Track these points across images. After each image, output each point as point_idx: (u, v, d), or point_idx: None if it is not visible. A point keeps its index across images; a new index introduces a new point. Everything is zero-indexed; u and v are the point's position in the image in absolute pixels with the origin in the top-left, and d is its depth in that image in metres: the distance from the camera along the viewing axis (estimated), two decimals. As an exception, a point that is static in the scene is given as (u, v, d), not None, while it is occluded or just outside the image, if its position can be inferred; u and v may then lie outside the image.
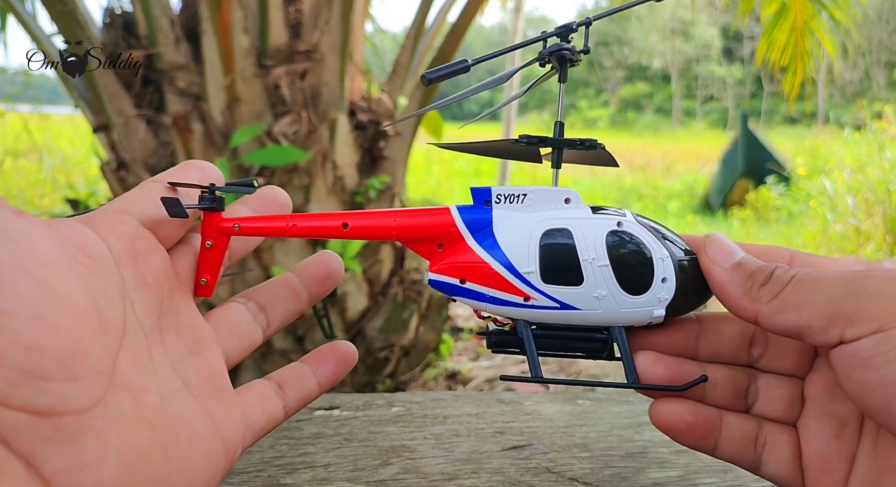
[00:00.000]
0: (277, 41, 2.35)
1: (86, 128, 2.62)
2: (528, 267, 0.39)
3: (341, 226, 0.40)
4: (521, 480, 0.52)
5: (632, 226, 0.40)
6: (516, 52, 0.43)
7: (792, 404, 0.42)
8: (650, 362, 0.41)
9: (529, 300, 0.39)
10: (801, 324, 0.36)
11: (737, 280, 0.38)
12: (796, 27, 3.11)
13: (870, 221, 5.50)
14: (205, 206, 0.39)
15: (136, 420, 0.30)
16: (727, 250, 0.40)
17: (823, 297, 0.35)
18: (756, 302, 0.37)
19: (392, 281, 2.61)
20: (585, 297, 0.39)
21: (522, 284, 0.39)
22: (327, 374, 0.42)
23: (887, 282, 0.34)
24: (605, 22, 34.93)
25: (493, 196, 0.40)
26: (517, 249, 0.39)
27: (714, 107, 32.09)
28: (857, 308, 0.34)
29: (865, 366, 0.33)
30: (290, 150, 2.24)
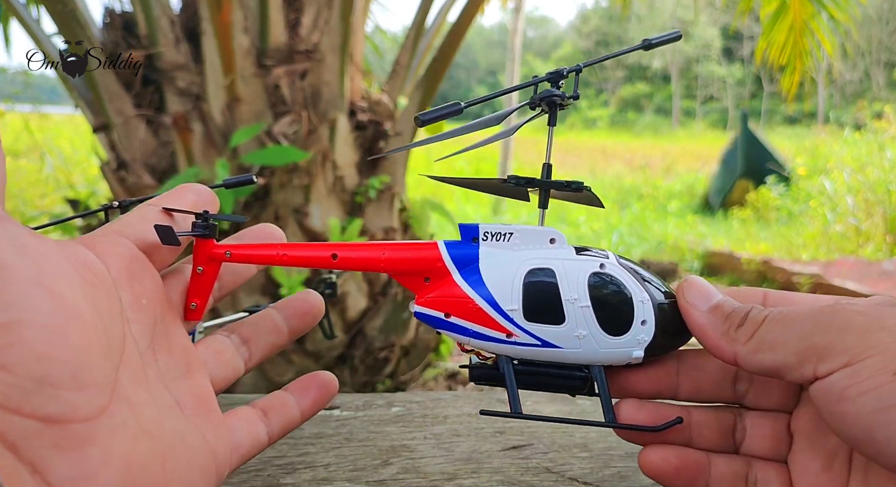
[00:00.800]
0: (277, 41, 2.35)
1: (86, 128, 2.62)
2: (512, 304, 0.40)
3: (330, 257, 0.41)
4: (521, 480, 0.52)
5: (614, 268, 0.41)
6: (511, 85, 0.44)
7: (780, 440, 0.42)
8: (632, 409, 0.42)
9: (512, 337, 0.40)
10: (776, 363, 0.36)
11: (715, 322, 0.39)
12: (795, 26, 3.11)
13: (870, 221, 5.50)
14: (197, 233, 0.40)
15: (137, 431, 0.31)
16: (704, 293, 0.40)
17: (795, 334, 0.36)
18: (734, 343, 0.38)
19: (392, 281, 2.61)
20: (566, 336, 0.40)
21: (505, 321, 0.40)
22: (309, 403, 0.43)
23: (853, 315, 0.35)
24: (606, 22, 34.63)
25: (480, 233, 0.41)
26: (502, 287, 0.40)
27: (714, 107, 32.10)
28: (827, 342, 0.35)
29: (840, 400, 0.34)
30: (290, 150, 2.24)
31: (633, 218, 7.53)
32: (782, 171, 7.80)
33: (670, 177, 10.83)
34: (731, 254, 5.38)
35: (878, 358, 0.33)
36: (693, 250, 5.75)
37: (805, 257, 5.43)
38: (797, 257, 5.43)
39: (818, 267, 4.80)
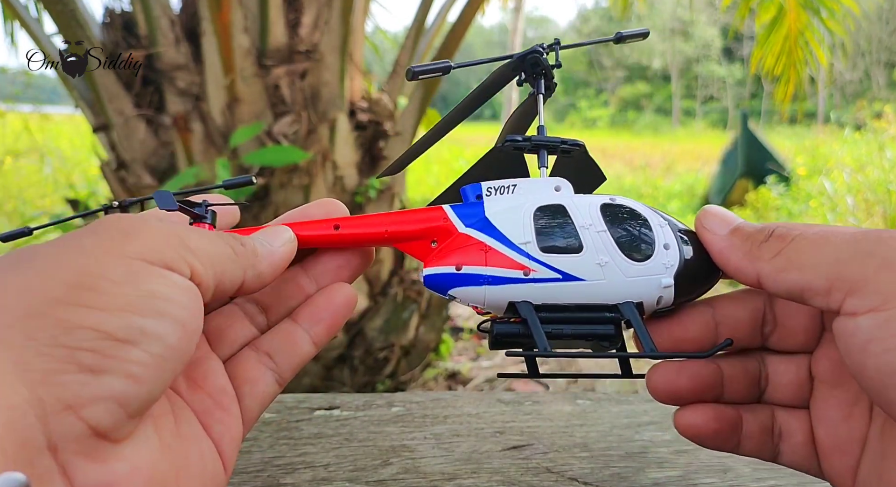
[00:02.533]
0: (277, 41, 2.35)
1: (86, 128, 2.62)
2: (525, 237, 0.38)
3: (333, 228, 0.39)
4: (521, 480, 0.52)
5: (626, 200, 0.40)
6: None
7: (801, 386, 0.41)
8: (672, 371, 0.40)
9: (530, 273, 0.37)
10: (802, 283, 0.34)
11: (736, 243, 0.37)
12: (791, 35, 3.12)
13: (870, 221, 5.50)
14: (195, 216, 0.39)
15: (159, 445, 0.31)
16: (723, 218, 0.39)
17: (829, 257, 0.33)
18: (758, 261, 0.36)
19: (392, 281, 2.61)
20: (587, 265, 0.38)
21: (520, 256, 0.38)
22: (322, 331, 0.40)
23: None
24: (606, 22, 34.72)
25: (483, 190, 0.40)
26: (511, 224, 0.38)
27: (714, 107, 32.10)
28: (863, 275, 0.32)
29: (863, 351, 0.32)
30: (290, 150, 2.24)
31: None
32: (782, 171, 7.79)
33: (670, 177, 10.83)
34: (731, 254, 5.37)
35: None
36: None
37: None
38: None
39: (818, 267, 4.79)
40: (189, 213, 0.39)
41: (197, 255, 0.32)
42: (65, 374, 0.26)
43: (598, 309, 0.38)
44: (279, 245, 0.38)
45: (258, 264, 0.36)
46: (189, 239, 0.33)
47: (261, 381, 0.39)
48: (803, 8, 3.08)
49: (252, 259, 0.36)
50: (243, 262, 0.35)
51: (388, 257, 2.60)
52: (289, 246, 0.38)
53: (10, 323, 0.26)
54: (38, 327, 0.26)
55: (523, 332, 0.38)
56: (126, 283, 0.29)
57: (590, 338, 0.39)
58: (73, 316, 0.27)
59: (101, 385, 0.27)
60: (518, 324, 0.38)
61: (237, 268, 0.35)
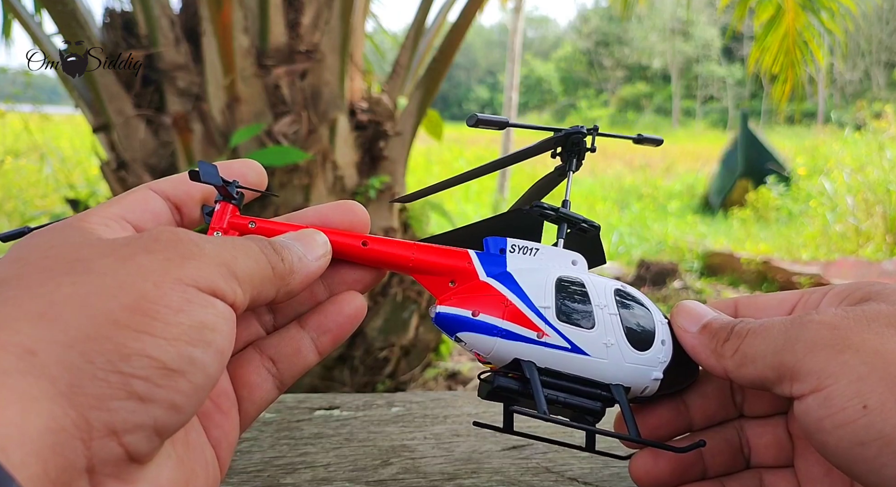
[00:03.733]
0: (277, 41, 2.35)
1: (86, 128, 2.62)
2: (545, 302, 0.39)
3: (360, 244, 0.40)
4: (521, 480, 0.52)
5: (632, 290, 0.42)
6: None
7: (782, 446, 0.42)
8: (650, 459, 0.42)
9: (543, 336, 0.38)
10: (758, 376, 0.36)
11: (704, 341, 0.39)
12: (789, 35, 3.12)
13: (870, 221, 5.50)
14: (224, 196, 0.38)
15: (176, 461, 0.32)
16: (694, 315, 0.41)
17: (769, 349, 0.36)
18: (722, 359, 0.38)
19: (392, 281, 2.61)
20: (595, 343, 0.39)
21: (538, 318, 0.39)
22: (328, 342, 0.40)
23: (820, 331, 0.34)
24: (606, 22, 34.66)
25: (507, 245, 0.41)
26: (534, 286, 0.39)
27: (714, 107, 32.10)
28: (795, 360, 0.34)
29: (819, 430, 0.33)
30: (290, 150, 2.24)
31: (633, 218, 7.53)
32: (782, 171, 7.80)
33: (670, 177, 10.83)
34: (730, 254, 5.38)
35: (845, 386, 0.32)
36: (693, 250, 5.75)
37: (805, 257, 5.42)
38: (797, 257, 5.43)
39: (818, 267, 4.80)
40: (224, 192, 0.38)
41: (241, 281, 0.32)
42: (116, 400, 0.26)
43: (592, 384, 0.40)
44: (314, 259, 0.37)
45: (292, 281, 0.36)
46: (236, 264, 0.32)
47: (261, 386, 0.39)
48: (802, 8, 3.09)
49: (288, 277, 0.36)
50: (279, 281, 0.35)
51: (388, 257, 2.60)
52: (324, 260, 0.38)
53: (69, 342, 0.26)
54: (96, 350, 0.26)
55: (522, 391, 0.39)
56: (181, 311, 0.29)
57: (577, 410, 0.40)
58: (131, 341, 0.27)
59: (148, 413, 0.27)
60: (518, 381, 0.39)
61: (272, 288, 0.35)
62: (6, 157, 6.47)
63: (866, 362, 0.32)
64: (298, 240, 0.37)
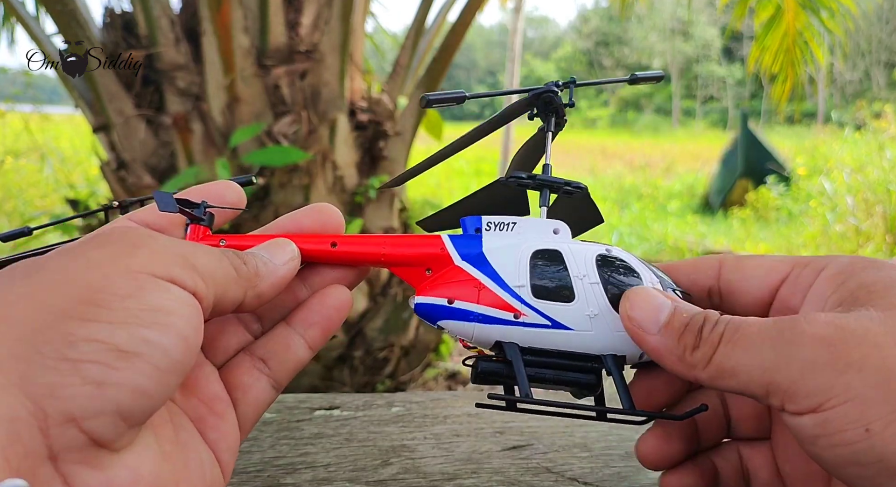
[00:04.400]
0: (277, 41, 2.35)
1: (86, 128, 2.62)
2: (519, 280, 0.38)
3: (330, 246, 0.39)
4: (521, 480, 0.52)
5: (621, 253, 0.40)
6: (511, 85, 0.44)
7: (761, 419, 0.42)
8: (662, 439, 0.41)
9: (520, 316, 0.38)
10: (741, 389, 0.34)
11: (669, 345, 0.36)
12: (789, 34, 3.13)
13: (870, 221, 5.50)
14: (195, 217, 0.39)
15: (160, 454, 0.32)
16: (649, 310, 0.37)
17: (756, 365, 0.33)
18: (693, 369, 0.35)
19: (392, 281, 2.61)
20: (577, 316, 0.38)
21: (513, 299, 0.38)
22: (318, 335, 0.40)
23: (815, 347, 0.32)
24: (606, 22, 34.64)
25: (483, 223, 0.40)
26: (507, 265, 0.38)
27: (714, 107, 32.11)
28: (791, 381, 0.32)
29: (813, 445, 0.33)
30: (290, 150, 2.24)
31: (633, 218, 7.53)
32: (782, 171, 7.80)
33: (670, 177, 10.83)
34: (731, 254, 5.37)
35: (849, 408, 0.31)
36: (693, 250, 5.75)
37: (805, 257, 5.41)
38: (797, 257, 5.41)
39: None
40: (187, 215, 0.38)
41: (200, 273, 0.32)
42: (70, 387, 0.26)
43: (581, 357, 0.39)
44: (281, 263, 0.37)
45: (259, 284, 0.36)
46: (194, 256, 0.33)
47: (255, 387, 0.39)
48: (802, 7, 3.09)
49: (254, 279, 0.36)
50: (244, 283, 0.35)
51: (388, 257, 2.60)
52: (291, 264, 0.38)
53: (18, 335, 0.27)
54: (44, 340, 0.27)
55: (506, 373, 0.38)
56: (131, 297, 0.29)
57: (570, 385, 0.39)
58: (78, 329, 0.27)
59: (106, 397, 0.27)
60: (502, 364, 0.38)
61: (238, 289, 0.35)
62: (6, 157, 6.47)
63: (869, 382, 0.31)
64: (263, 249, 0.38)
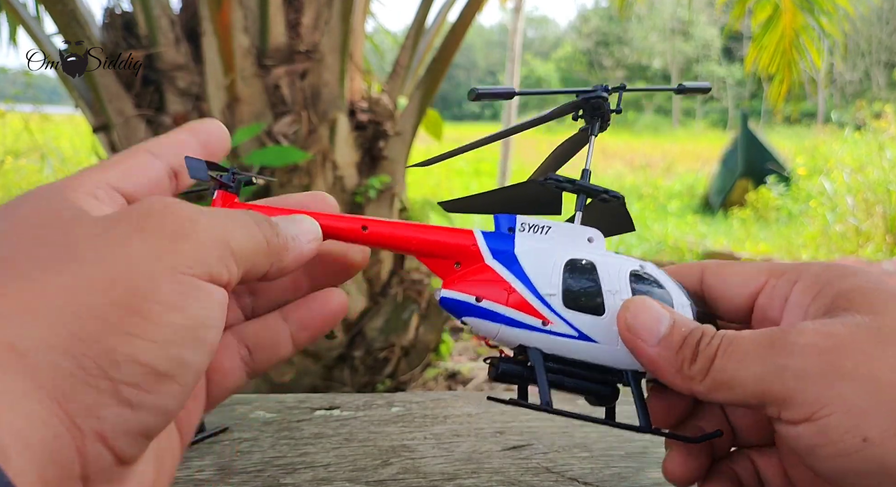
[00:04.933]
0: (277, 41, 2.35)
1: (86, 128, 2.62)
2: (551, 289, 0.38)
3: (360, 229, 0.38)
4: (521, 480, 0.52)
5: (654, 271, 0.40)
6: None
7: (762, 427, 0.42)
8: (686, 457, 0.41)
9: (547, 324, 0.37)
10: (737, 401, 0.35)
11: (667, 357, 0.36)
12: (786, 35, 3.13)
13: (870, 221, 5.50)
14: (224, 183, 0.38)
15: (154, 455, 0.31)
16: (649, 321, 0.37)
17: (749, 375, 0.34)
18: (690, 382, 0.36)
19: (392, 281, 2.61)
20: (605, 330, 0.38)
21: (542, 306, 0.37)
22: (306, 338, 0.39)
23: (807, 356, 0.33)
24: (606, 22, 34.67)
25: (517, 223, 0.40)
26: (539, 271, 0.38)
27: (714, 107, 32.09)
28: (785, 390, 0.33)
29: (810, 455, 0.33)
30: (290, 150, 2.24)
31: (634, 217, 7.50)
32: (782, 171, 7.80)
33: (670, 177, 10.83)
34: (730, 255, 5.38)
35: (843, 418, 0.31)
36: (693, 250, 5.75)
37: (805, 257, 5.42)
38: (797, 257, 5.43)
39: (818, 267, 4.79)
40: (216, 181, 0.38)
41: (236, 258, 0.31)
42: (106, 408, 0.26)
43: (602, 370, 0.39)
44: (306, 241, 0.36)
45: (285, 257, 0.35)
46: (233, 238, 0.31)
47: (234, 373, 0.38)
48: (799, 8, 3.09)
49: (282, 252, 0.34)
50: (273, 256, 0.34)
51: (388, 257, 2.60)
52: (314, 244, 0.37)
53: (57, 342, 0.25)
54: (86, 353, 0.25)
55: (526, 376, 0.38)
56: (175, 309, 0.28)
57: (588, 394, 0.39)
58: (122, 345, 0.26)
59: (137, 419, 0.26)
60: (522, 368, 0.38)
61: (266, 262, 0.34)
62: (6, 157, 6.47)
63: (863, 392, 0.31)
64: (291, 224, 0.36)
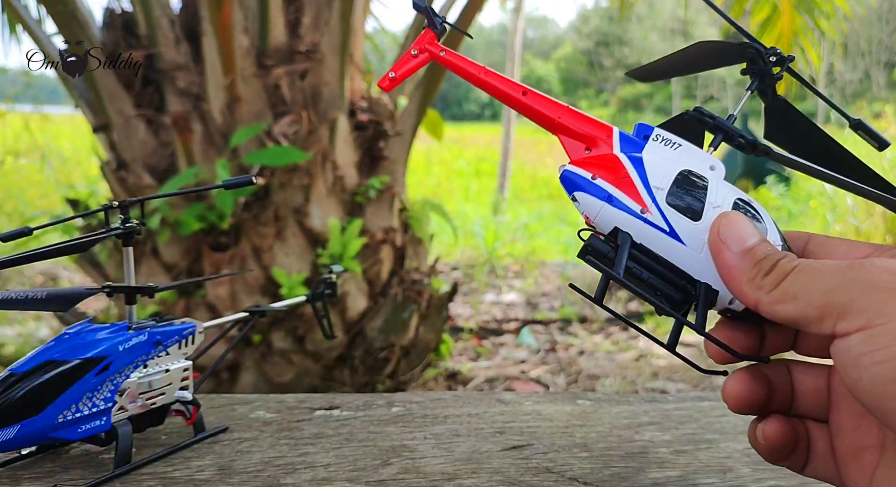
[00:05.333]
0: (277, 41, 2.35)
1: (86, 128, 2.62)
2: (661, 183, 0.41)
3: (521, 94, 0.44)
4: (521, 480, 0.52)
5: (760, 208, 0.42)
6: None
7: (821, 396, 0.42)
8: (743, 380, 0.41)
9: (646, 212, 0.40)
10: (797, 314, 0.36)
11: (744, 266, 0.38)
12: (784, 35, 3.13)
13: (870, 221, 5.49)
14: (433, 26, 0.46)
15: None
16: (741, 233, 0.39)
17: (819, 287, 0.35)
18: (758, 291, 0.37)
19: (392, 281, 2.60)
20: (695, 235, 0.40)
21: (647, 194, 0.40)
22: None
23: (881, 274, 0.34)
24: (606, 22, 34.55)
25: (653, 133, 0.43)
26: (657, 169, 0.41)
27: (714, 107, 32.08)
28: (849, 299, 0.34)
29: (856, 365, 0.33)
30: (290, 150, 2.24)
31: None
32: (782, 171, 7.79)
33: (670, 177, 10.80)
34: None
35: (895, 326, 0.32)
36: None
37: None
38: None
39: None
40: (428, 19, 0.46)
41: None
42: None
43: (680, 274, 0.41)
44: None
45: None
46: None
47: None
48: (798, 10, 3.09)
49: None
50: None
51: (388, 257, 2.60)
52: None
53: None
54: None
55: (611, 256, 0.41)
56: None
57: (658, 293, 0.41)
58: None
59: None
60: (610, 248, 0.41)
61: None
62: (6, 157, 6.47)
63: None
64: None
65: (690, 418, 0.66)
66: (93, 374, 0.50)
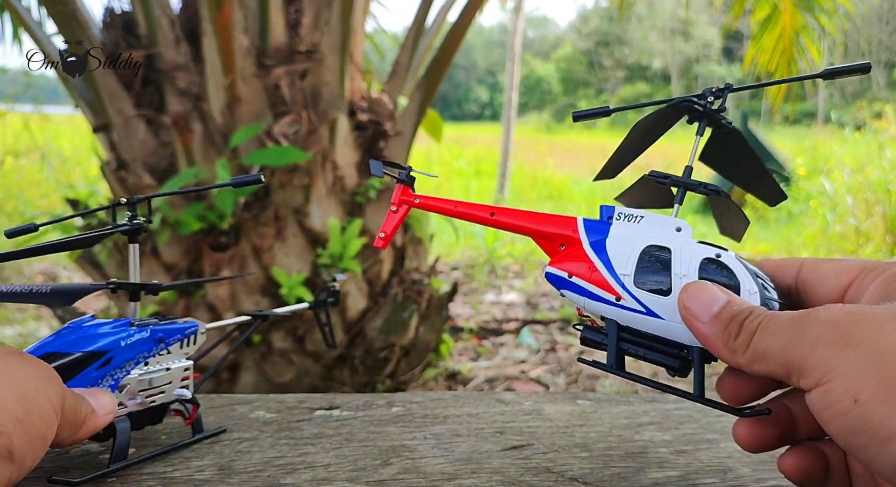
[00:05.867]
0: (277, 41, 2.35)
1: (86, 128, 2.62)
2: (625, 270, 0.44)
3: (489, 215, 0.49)
4: (521, 480, 0.52)
5: (730, 260, 0.43)
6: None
7: None
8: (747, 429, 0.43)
9: (620, 300, 0.44)
10: (771, 372, 0.38)
11: (717, 332, 0.40)
12: (785, 34, 3.13)
13: (869, 221, 5.50)
14: (401, 179, 0.51)
15: None
16: (705, 301, 0.41)
17: (777, 345, 0.37)
18: (734, 355, 0.39)
19: (392, 281, 2.60)
20: (670, 308, 0.42)
21: (616, 284, 0.44)
22: None
23: (825, 329, 0.36)
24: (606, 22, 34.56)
25: (615, 213, 0.47)
26: (620, 254, 0.45)
27: (714, 107, 32.00)
28: (801, 357, 0.36)
29: (821, 420, 0.36)
30: (290, 150, 2.24)
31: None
32: (782, 171, 7.79)
33: (670, 177, 10.80)
34: (731, 254, 5.36)
35: (842, 381, 0.34)
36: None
37: (805, 257, 5.41)
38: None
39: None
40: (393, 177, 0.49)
41: None
42: None
43: (672, 344, 0.44)
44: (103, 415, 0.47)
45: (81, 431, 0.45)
46: None
47: None
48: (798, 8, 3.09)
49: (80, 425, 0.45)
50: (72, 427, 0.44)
51: (388, 257, 2.60)
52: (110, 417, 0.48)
53: None
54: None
55: (603, 343, 0.45)
56: None
57: (656, 364, 0.44)
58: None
59: None
60: (602, 335, 0.46)
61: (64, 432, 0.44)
62: (6, 157, 6.47)
63: (863, 358, 0.34)
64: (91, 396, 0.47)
65: (690, 418, 0.66)
66: (94, 368, 0.50)
